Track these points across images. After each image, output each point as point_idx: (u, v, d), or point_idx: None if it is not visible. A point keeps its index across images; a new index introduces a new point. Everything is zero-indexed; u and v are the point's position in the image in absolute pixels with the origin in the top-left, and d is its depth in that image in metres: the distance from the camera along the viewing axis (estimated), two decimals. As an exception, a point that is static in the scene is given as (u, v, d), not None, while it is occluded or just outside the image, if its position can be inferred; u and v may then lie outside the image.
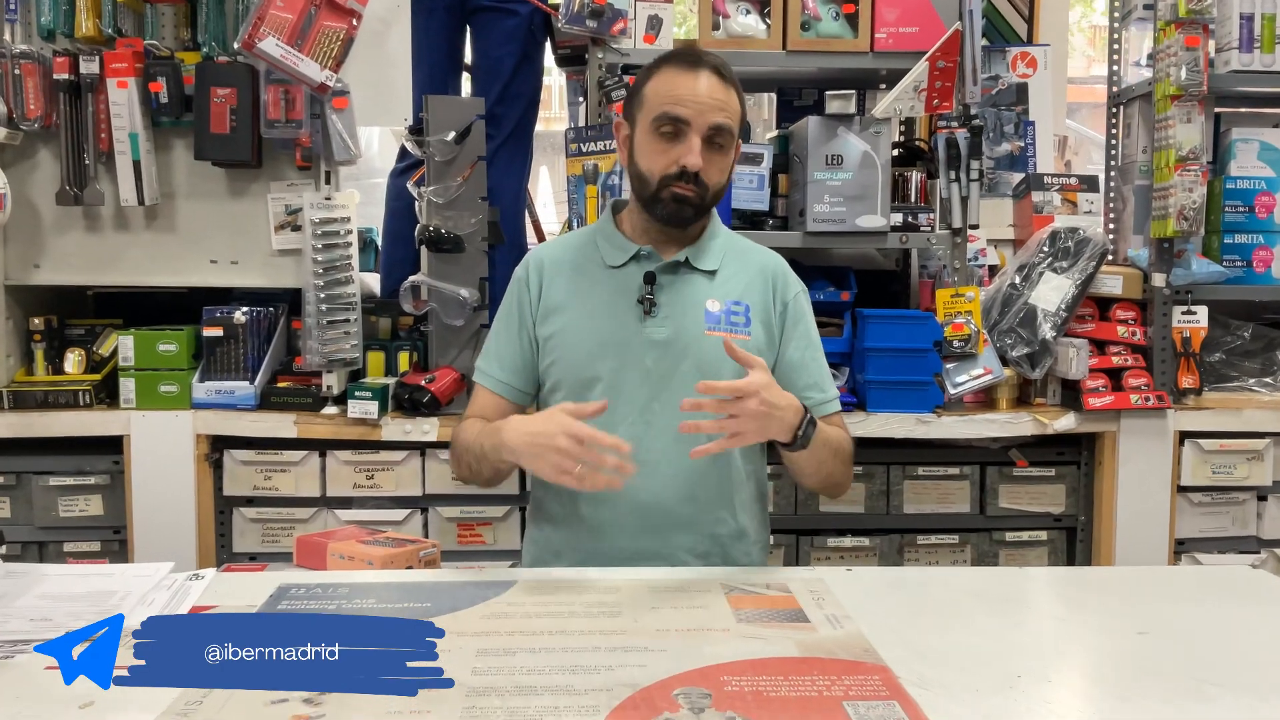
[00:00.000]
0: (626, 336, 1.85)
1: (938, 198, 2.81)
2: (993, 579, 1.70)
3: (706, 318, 1.85)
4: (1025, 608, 1.54)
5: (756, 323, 1.88)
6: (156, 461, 2.66)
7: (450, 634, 1.36)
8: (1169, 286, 2.80)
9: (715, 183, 1.83)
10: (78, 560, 2.74)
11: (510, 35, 2.82)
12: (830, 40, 2.74)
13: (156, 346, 2.69)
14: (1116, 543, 2.79)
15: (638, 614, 1.47)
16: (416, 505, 2.75)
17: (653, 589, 1.59)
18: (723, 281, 1.89)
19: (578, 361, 1.86)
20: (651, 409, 1.82)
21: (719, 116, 1.79)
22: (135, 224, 2.74)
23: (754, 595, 1.56)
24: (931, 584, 1.65)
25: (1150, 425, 2.77)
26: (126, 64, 2.58)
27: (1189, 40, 2.68)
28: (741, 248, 1.97)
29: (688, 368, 1.83)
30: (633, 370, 1.84)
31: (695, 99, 1.78)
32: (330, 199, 2.66)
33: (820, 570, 1.69)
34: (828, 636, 1.39)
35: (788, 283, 1.95)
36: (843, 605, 1.51)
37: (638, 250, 1.87)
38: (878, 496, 2.81)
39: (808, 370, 1.92)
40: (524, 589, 1.58)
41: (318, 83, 2.52)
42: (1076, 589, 1.68)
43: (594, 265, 1.91)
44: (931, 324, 2.75)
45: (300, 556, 2.38)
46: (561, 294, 1.90)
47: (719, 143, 1.81)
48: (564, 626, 1.42)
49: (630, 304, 1.85)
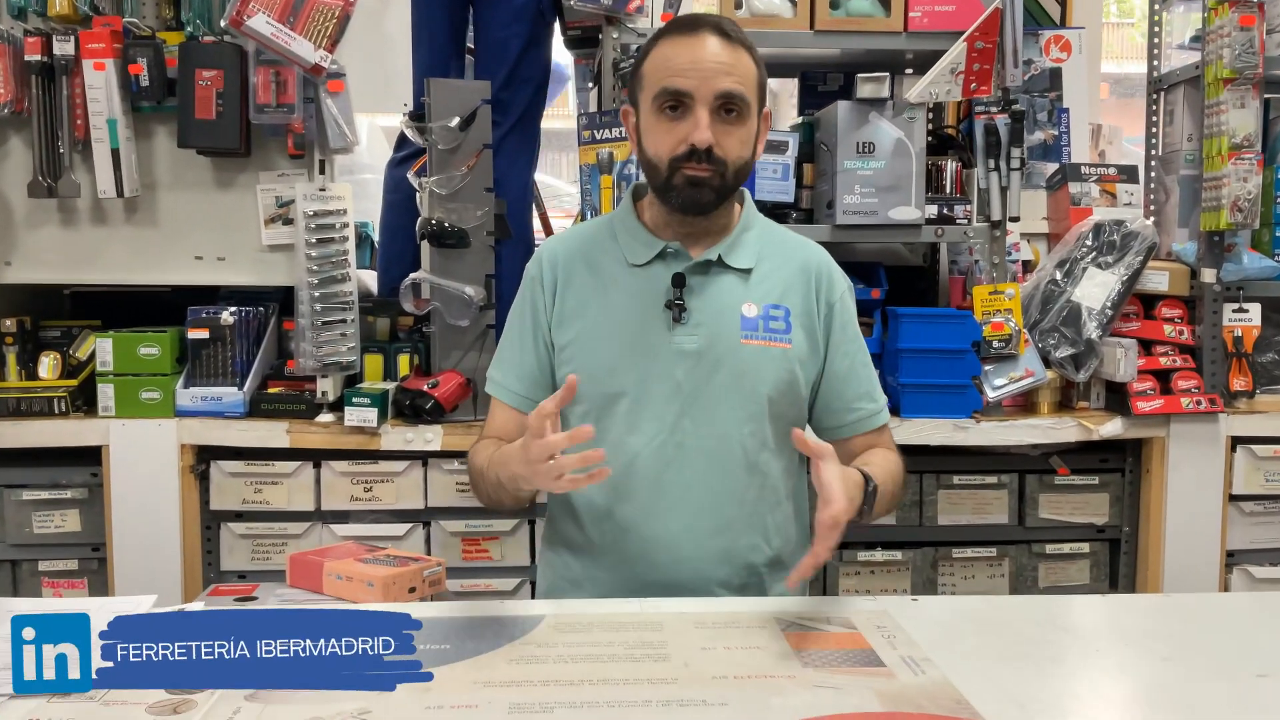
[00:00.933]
0: (654, 346, 1.63)
1: (974, 188, 2.63)
2: (1074, 610, 1.52)
3: (742, 324, 1.64)
4: (1124, 645, 1.36)
5: (798, 328, 1.67)
6: (138, 474, 2.47)
7: (475, 684, 1.20)
8: (1219, 283, 2.64)
9: (736, 158, 1.59)
10: (53, 581, 2.55)
11: (517, 15, 2.62)
12: (861, 19, 2.57)
13: (137, 350, 2.50)
14: (1165, 555, 2.62)
15: (688, 656, 1.29)
16: (419, 519, 2.56)
17: (699, 624, 1.40)
18: (759, 281, 1.68)
19: (599, 374, 1.64)
20: (682, 427, 1.61)
21: (725, 82, 1.56)
22: (114, 217, 2.54)
23: (816, 633, 1.38)
24: (1011, 618, 1.47)
25: (1201, 430, 2.60)
26: (104, 44, 2.38)
27: (1243, 20, 2.51)
28: (779, 240, 1.75)
29: (722, 380, 1.62)
30: (661, 384, 1.62)
31: (696, 66, 1.56)
32: (325, 190, 2.47)
33: (884, 600, 1.51)
34: (910, 684, 1.21)
35: (833, 281, 1.72)
36: (918, 644, 1.33)
37: (664, 247, 1.65)
38: (910, 507, 2.64)
39: (858, 379, 1.72)
40: (554, 626, 1.39)
41: (311, 63, 2.34)
42: (1176, 620, 1.50)
43: (614, 262, 1.68)
44: (970, 323, 2.57)
45: (294, 576, 2.20)
46: (580, 295, 1.68)
47: (732, 111, 1.58)
48: (605, 674, 1.23)
49: (657, 309, 1.64)
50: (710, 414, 1.62)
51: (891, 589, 2.65)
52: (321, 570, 2.14)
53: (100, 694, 1.18)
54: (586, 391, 1.63)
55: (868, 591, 2.64)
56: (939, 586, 2.66)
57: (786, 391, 1.65)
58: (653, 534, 1.62)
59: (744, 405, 1.62)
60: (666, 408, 1.61)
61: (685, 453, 1.61)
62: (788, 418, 1.67)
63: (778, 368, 1.64)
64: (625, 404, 1.63)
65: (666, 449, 1.60)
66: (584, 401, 1.64)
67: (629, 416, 1.62)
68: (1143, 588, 2.66)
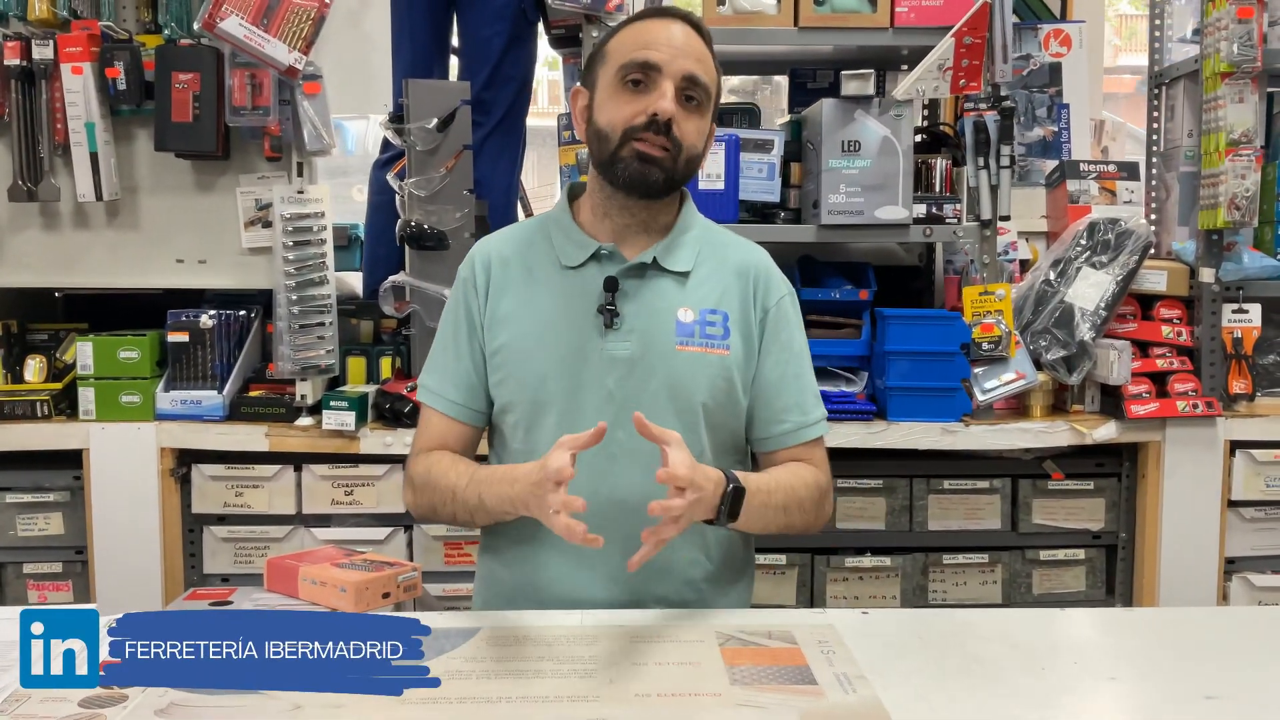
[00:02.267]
0: (584, 352, 1.57)
1: (965, 187, 2.58)
2: (1031, 625, 1.47)
3: (678, 329, 1.58)
4: (1072, 664, 1.31)
5: (736, 333, 1.61)
6: (118, 477, 2.47)
7: (392, 701, 1.16)
8: (1218, 282, 2.57)
9: (690, 145, 1.55)
10: (39, 584, 2.56)
11: (499, 13, 2.60)
12: (846, 16, 2.51)
13: (117, 353, 2.50)
14: (1161, 561, 2.56)
15: (616, 673, 1.26)
16: (399, 523, 2.54)
17: (636, 638, 1.37)
18: (697, 285, 1.61)
19: (528, 381, 1.59)
20: (615, 438, 1.51)
21: (695, 67, 1.53)
22: (96, 221, 2.54)
23: (753, 647, 1.34)
24: (961, 632, 1.42)
25: (1198, 434, 2.53)
26: (81, 48, 2.38)
27: (1241, 12, 2.43)
28: (719, 242, 1.68)
29: (656, 388, 1.57)
30: (592, 392, 1.57)
31: (669, 43, 1.53)
32: (302, 192, 2.46)
33: (832, 614, 1.47)
34: (838, 704, 1.17)
35: (770, 285, 1.65)
36: (856, 661, 1.29)
37: (598, 249, 1.60)
38: (900, 512, 2.59)
39: (787, 389, 1.64)
40: (488, 639, 1.36)
41: (285, 65, 2.32)
42: (1129, 637, 1.45)
43: (547, 264, 1.62)
44: (958, 325, 2.52)
45: (271, 581, 2.19)
46: (511, 299, 1.62)
47: (693, 99, 1.54)
48: (526, 690, 1.21)
49: (589, 313, 1.58)
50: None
51: (880, 595, 2.60)
52: (297, 574, 2.13)
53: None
54: (517, 399, 1.60)
55: (855, 598, 2.59)
56: (930, 594, 2.61)
57: (724, 400, 1.60)
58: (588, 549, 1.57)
59: (679, 415, 1.57)
60: (597, 417, 1.52)
61: (618, 465, 1.55)
62: (727, 427, 1.62)
63: (714, 375, 1.58)
64: (554, 414, 1.58)
65: (598, 460, 1.52)
66: (514, 410, 1.61)
67: (559, 427, 1.55)
68: (1139, 595, 2.60)
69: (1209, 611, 1.78)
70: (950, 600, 2.60)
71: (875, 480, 2.58)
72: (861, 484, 2.57)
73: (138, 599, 2.44)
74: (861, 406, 2.52)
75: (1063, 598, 2.64)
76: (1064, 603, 2.62)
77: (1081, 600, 2.64)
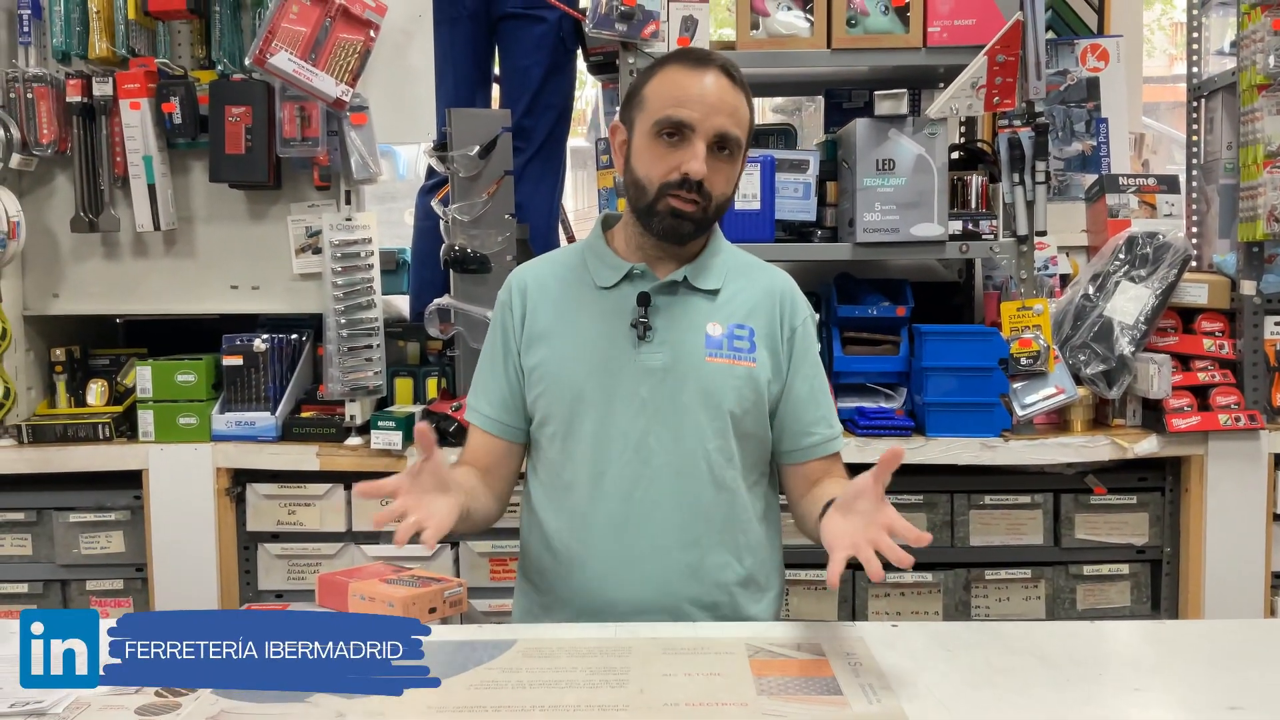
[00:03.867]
0: (619, 363, 1.65)
1: (1001, 203, 2.59)
2: (1061, 637, 1.48)
3: (707, 342, 1.65)
4: (1099, 676, 1.33)
5: (762, 348, 1.68)
6: (176, 496, 2.56)
7: (429, 709, 1.21)
8: (1259, 295, 2.56)
9: (720, 194, 1.64)
10: (100, 600, 2.65)
11: (538, 43, 2.67)
12: (879, 36, 2.55)
13: (175, 377, 2.59)
14: (1206, 576, 2.54)
15: (646, 682, 1.29)
16: (447, 539, 2.59)
17: (668, 649, 1.41)
18: (725, 302, 1.69)
19: (565, 392, 1.67)
20: (647, 444, 1.63)
21: (727, 123, 1.60)
22: (154, 250, 2.64)
23: (781, 659, 1.37)
24: (989, 644, 1.44)
25: (1241, 448, 2.52)
26: (139, 84, 2.48)
27: (1277, 24, 2.43)
28: (745, 265, 1.76)
29: (688, 396, 1.64)
30: (626, 401, 1.64)
31: (702, 100, 1.59)
32: (350, 220, 2.53)
33: (862, 627, 1.49)
34: (862, 714, 1.20)
35: (796, 307, 1.73)
36: (884, 673, 1.31)
37: (630, 269, 1.68)
38: (941, 528, 2.60)
39: (816, 404, 1.72)
40: (523, 651, 1.41)
41: (333, 98, 2.40)
42: (1160, 649, 1.46)
43: (583, 286, 1.71)
44: (996, 340, 2.53)
45: (322, 596, 2.25)
46: (547, 319, 1.71)
47: (725, 150, 1.62)
48: (559, 699, 1.25)
49: (623, 328, 1.66)
50: (676, 429, 1.63)
51: (922, 611, 2.61)
52: (347, 590, 2.19)
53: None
54: (554, 410, 1.67)
55: (897, 614, 2.60)
56: (972, 609, 2.61)
57: (751, 410, 1.66)
58: (621, 553, 1.63)
59: (710, 421, 1.64)
60: (632, 425, 1.63)
61: (652, 469, 1.63)
62: (755, 437, 1.68)
63: (742, 386, 1.65)
64: (591, 421, 1.65)
65: (633, 465, 1.62)
66: (552, 422, 1.68)
67: (595, 434, 1.64)
68: (1185, 610, 2.58)
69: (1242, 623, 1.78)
70: (994, 616, 2.60)
71: (915, 496, 2.59)
72: (902, 499, 2.58)
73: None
74: (900, 422, 2.54)
75: (1107, 613, 2.63)
76: (1109, 618, 2.60)
77: (1126, 615, 2.62)
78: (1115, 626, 1.55)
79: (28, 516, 2.61)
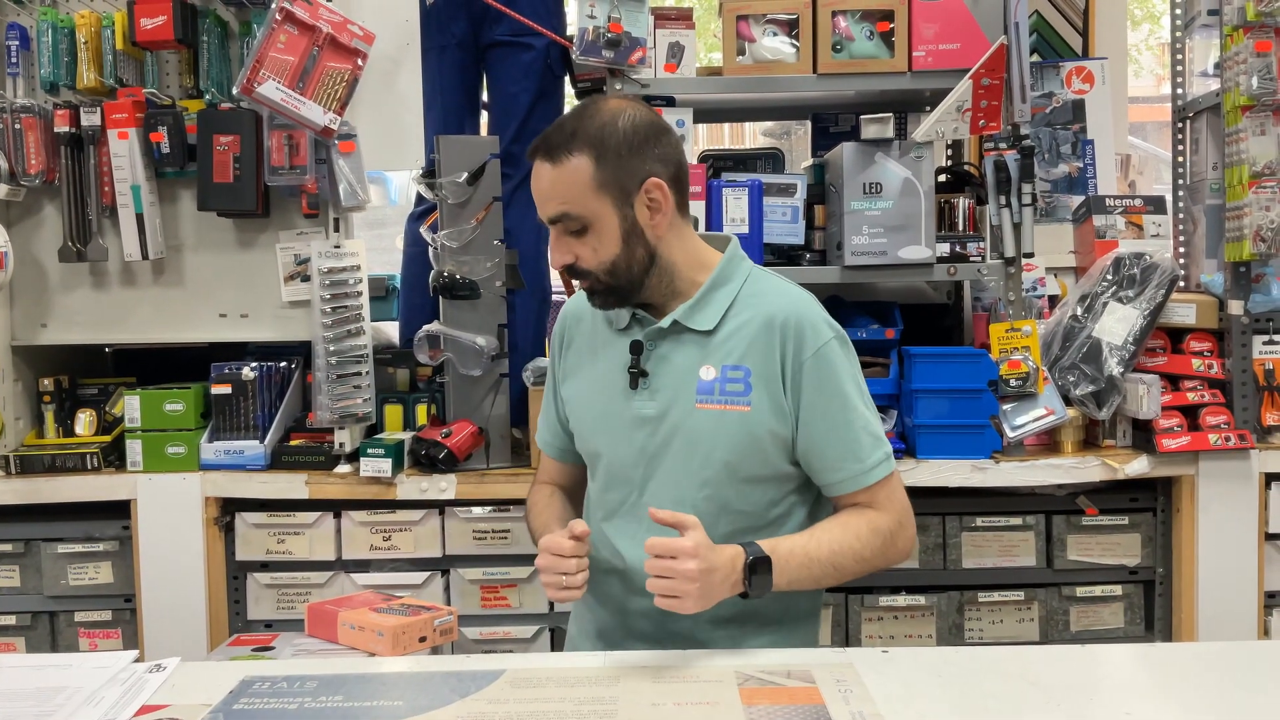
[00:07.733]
0: (617, 411, 1.70)
1: (988, 225, 2.60)
2: (1054, 662, 1.48)
3: (699, 388, 1.63)
4: (1091, 700, 1.32)
5: (759, 388, 1.62)
6: (165, 527, 2.54)
7: (416, 743, 1.20)
8: (1247, 314, 2.56)
9: (597, 264, 1.61)
10: (89, 632, 2.63)
11: (526, 70, 2.68)
12: (865, 61, 2.56)
13: (163, 406, 2.58)
14: (1199, 597, 2.54)
15: (634, 713, 1.29)
16: (437, 567, 2.59)
17: (658, 678, 1.40)
18: (721, 342, 1.65)
19: (583, 433, 1.77)
20: (648, 489, 1.68)
21: (551, 207, 1.60)
22: (142, 279, 2.64)
23: (770, 687, 1.36)
24: (981, 670, 1.44)
25: (1232, 467, 2.52)
26: (126, 114, 2.48)
27: (1259, 45, 2.45)
28: (758, 293, 1.68)
29: (678, 446, 1.65)
30: (625, 448, 1.69)
31: (537, 190, 1.62)
32: (339, 247, 2.53)
33: (852, 653, 1.49)
34: (851, 742, 1.20)
35: (803, 338, 1.63)
36: (874, 700, 1.31)
37: (634, 313, 1.71)
38: (933, 550, 2.59)
39: (836, 439, 1.64)
40: (511, 681, 1.40)
41: (321, 126, 2.41)
42: (1152, 672, 1.45)
43: (605, 326, 1.76)
44: (985, 362, 2.53)
45: (311, 626, 2.25)
46: (578, 356, 1.80)
47: (569, 229, 1.61)
48: (546, 731, 1.24)
49: (624, 374, 1.69)
50: (668, 479, 1.65)
51: (916, 635, 2.60)
52: (336, 620, 2.18)
53: None
54: (580, 446, 1.80)
55: (890, 638, 2.59)
56: (966, 632, 2.60)
57: (751, 455, 1.63)
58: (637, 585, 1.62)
59: (699, 470, 1.64)
60: (633, 472, 1.69)
61: (646, 525, 1.60)
62: (767, 479, 1.67)
63: (735, 432, 1.63)
64: (603, 464, 1.74)
65: (639, 509, 1.66)
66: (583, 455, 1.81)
67: (608, 475, 1.72)
68: (1179, 631, 2.57)
69: (1233, 646, 1.77)
70: (987, 638, 2.60)
71: (906, 519, 2.58)
72: (893, 522, 2.57)
73: (184, 646, 2.50)
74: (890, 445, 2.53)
75: (1101, 634, 2.62)
76: (1103, 640, 2.60)
77: (1120, 637, 2.62)
78: (1107, 649, 1.54)
79: (15, 547, 2.59)
